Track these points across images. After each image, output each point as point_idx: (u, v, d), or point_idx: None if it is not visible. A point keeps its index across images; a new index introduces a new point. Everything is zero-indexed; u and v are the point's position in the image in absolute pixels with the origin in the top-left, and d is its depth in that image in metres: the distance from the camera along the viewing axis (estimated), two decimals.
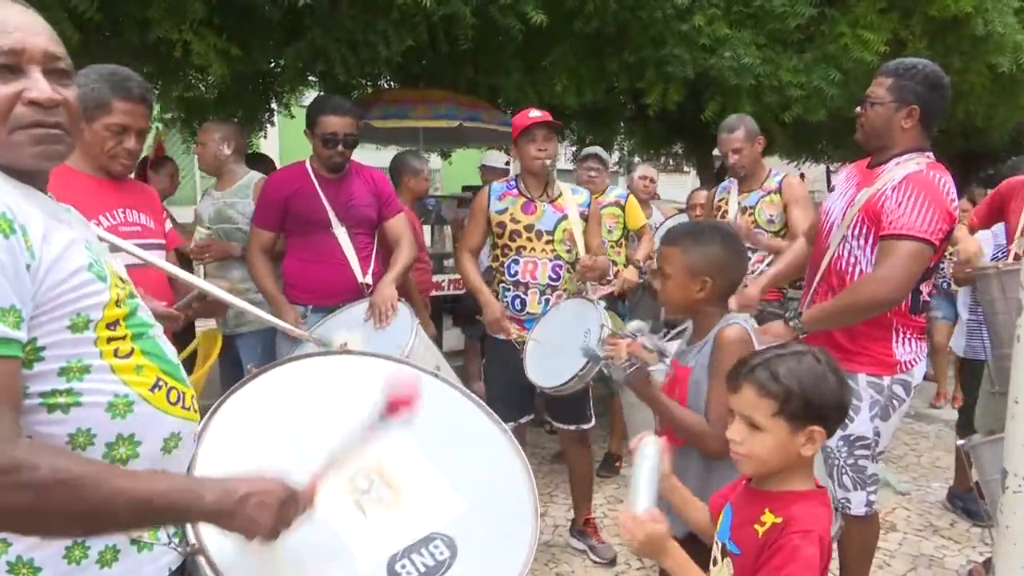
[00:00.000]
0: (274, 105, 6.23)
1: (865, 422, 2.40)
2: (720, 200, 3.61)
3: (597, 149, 4.43)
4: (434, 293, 4.89)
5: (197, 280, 2.14)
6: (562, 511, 3.62)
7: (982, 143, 8.85)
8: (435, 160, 8.39)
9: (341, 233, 3.10)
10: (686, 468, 1.74)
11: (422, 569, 1.32)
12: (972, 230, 3.07)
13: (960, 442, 1.90)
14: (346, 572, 1.30)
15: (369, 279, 3.11)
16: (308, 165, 3.15)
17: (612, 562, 3.13)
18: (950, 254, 4.82)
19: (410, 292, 4.08)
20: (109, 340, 1.08)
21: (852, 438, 2.42)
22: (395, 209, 3.25)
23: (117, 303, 1.10)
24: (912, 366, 2.43)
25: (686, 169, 9.05)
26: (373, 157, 9.24)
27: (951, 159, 10.94)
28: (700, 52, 5.00)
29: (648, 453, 1.43)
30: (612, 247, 4.14)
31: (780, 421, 1.30)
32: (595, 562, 3.15)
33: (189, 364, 2.22)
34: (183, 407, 1.21)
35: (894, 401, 2.42)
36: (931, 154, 2.38)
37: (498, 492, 1.54)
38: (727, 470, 1.51)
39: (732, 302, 2.03)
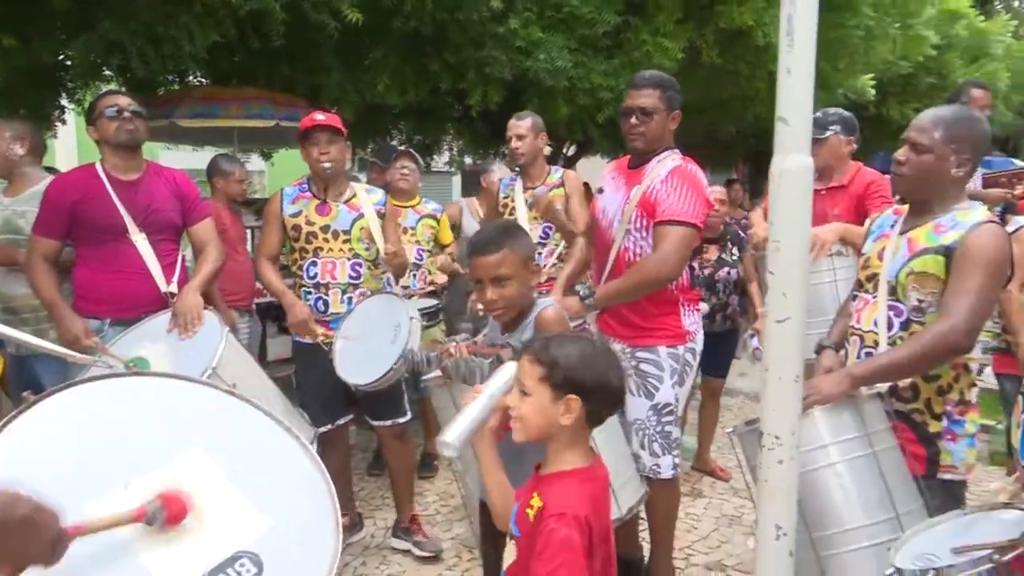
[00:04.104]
0: (65, 102, 5.67)
1: (668, 390, 2.65)
2: (505, 198, 3.75)
3: (409, 149, 4.43)
4: (258, 300, 4.69)
5: None
6: (394, 513, 3.60)
7: (771, 144, 9.84)
8: (258, 162, 8.01)
9: (140, 240, 2.90)
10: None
11: None
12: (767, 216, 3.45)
13: (728, 430, 2.14)
14: None
15: (174, 288, 2.92)
16: (99, 167, 2.91)
17: (438, 556, 3.15)
18: None
19: (215, 301, 3.87)
20: None
21: (660, 406, 2.65)
22: (201, 214, 3.08)
23: None
24: (696, 334, 2.75)
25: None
26: (188, 159, 8.69)
27: (746, 158, 12.16)
28: (516, 54, 5.18)
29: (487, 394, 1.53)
30: (428, 255, 4.18)
31: (544, 387, 1.43)
32: (421, 558, 3.16)
33: None
34: None
35: (687, 368, 2.71)
36: (677, 149, 2.71)
37: (300, 505, 1.58)
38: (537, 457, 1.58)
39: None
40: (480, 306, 3.74)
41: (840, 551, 1.73)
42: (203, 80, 5.93)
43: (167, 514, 1.34)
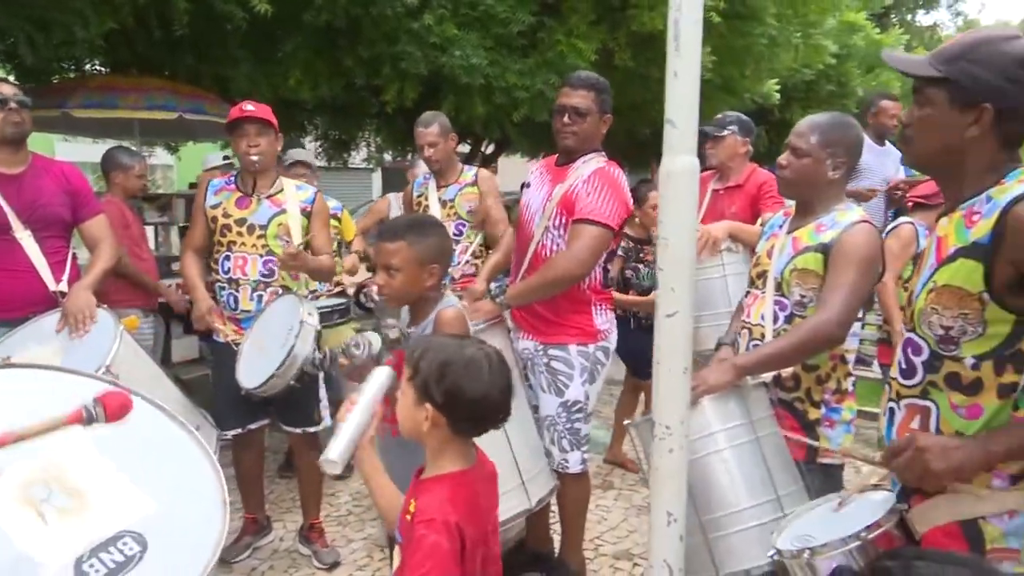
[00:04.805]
0: None
1: (578, 387, 2.68)
2: (419, 196, 3.73)
3: (303, 155, 4.27)
4: (161, 299, 4.51)
5: None
6: None
7: None
8: (164, 155, 7.69)
9: (25, 237, 2.76)
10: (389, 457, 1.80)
11: (111, 565, 1.36)
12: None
13: (627, 422, 2.21)
14: None
15: (64, 286, 2.79)
16: None
17: (333, 566, 3.07)
18: None
19: (137, 277, 3.74)
20: None
21: (569, 403, 2.68)
22: (92, 210, 2.95)
23: None
24: (609, 334, 2.78)
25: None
26: (87, 152, 8.25)
27: (659, 159, 12.56)
28: (432, 50, 5.16)
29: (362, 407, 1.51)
30: (334, 255, 4.13)
31: (411, 388, 1.43)
32: (318, 568, 3.09)
33: None
34: None
35: (598, 366, 2.75)
36: (603, 153, 2.75)
37: (188, 491, 1.62)
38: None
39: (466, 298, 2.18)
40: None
41: (727, 532, 1.81)
42: (101, 69, 5.65)
43: (107, 409, 1.34)
